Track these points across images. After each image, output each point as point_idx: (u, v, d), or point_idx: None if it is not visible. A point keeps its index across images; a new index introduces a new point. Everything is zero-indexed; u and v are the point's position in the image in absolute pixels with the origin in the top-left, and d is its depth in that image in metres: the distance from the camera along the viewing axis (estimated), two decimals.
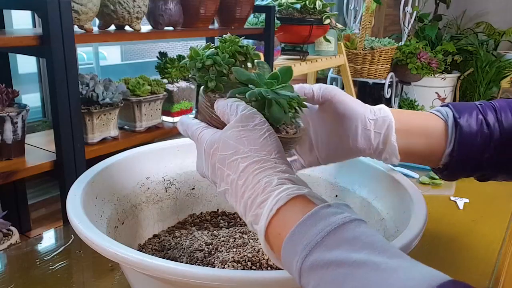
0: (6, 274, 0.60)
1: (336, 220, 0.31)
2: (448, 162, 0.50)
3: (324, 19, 2.08)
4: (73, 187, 0.49)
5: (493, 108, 0.50)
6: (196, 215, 0.66)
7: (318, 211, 0.32)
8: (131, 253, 0.38)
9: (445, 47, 3.43)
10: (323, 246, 0.30)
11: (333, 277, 0.28)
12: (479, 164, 0.50)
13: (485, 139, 0.49)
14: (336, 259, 0.29)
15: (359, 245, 0.29)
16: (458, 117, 0.49)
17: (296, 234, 0.31)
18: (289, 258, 0.32)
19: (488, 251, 0.67)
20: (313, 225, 0.31)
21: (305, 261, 0.30)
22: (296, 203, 0.34)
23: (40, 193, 1.62)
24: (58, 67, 1.05)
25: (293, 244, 0.31)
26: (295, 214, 0.33)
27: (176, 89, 1.49)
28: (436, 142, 0.50)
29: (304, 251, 0.30)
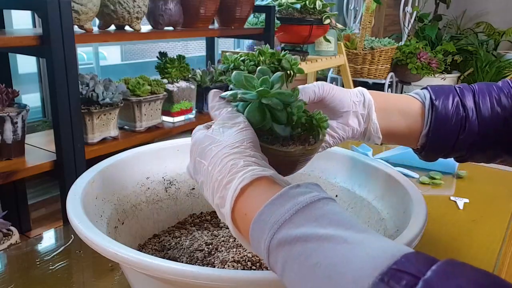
0: (6, 274, 0.60)
1: (304, 199, 0.31)
2: (424, 143, 0.52)
3: (324, 19, 2.08)
4: (73, 187, 0.49)
5: (472, 91, 0.52)
6: (196, 215, 0.66)
7: (287, 191, 0.32)
8: (131, 253, 0.38)
9: (445, 47, 3.43)
10: (291, 224, 0.30)
11: (300, 252, 0.28)
12: (454, 145, 0.52)
13: (460, 121, 0.51)
14: (302, 235, 0.29)
15: (326, 221, 0.29)
16: (434, 99, 0.51)
17: (264, 213, 0.31)
18: (257, 238, 0.32)
19: (488, 251, 0.67)
20: (282, 205, 0.31)
21: (272, 239, 0.30)
22: (261, 184, 0.34)
23: (40, 193, 1.62)
24: (58, 67, 1.05)
25: (261, 224, 0.31)
26: (261, 195, 0.33)
27: (176, 89, 1.49)
28: (414, 123, 0.52)
29: (272, 229, 0.30)
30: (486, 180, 0.98)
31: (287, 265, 0.29)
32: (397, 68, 2.94)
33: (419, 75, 2.93)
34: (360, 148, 1.07)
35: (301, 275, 0.28)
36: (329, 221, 0.29)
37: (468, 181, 0.95)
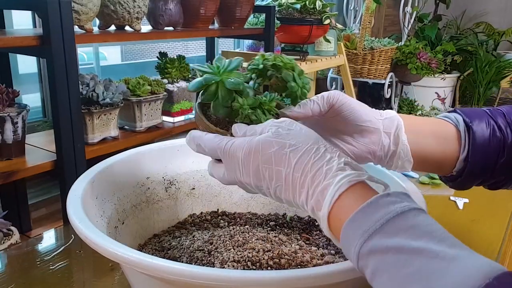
0: (7, 274, 0.61)
1: (395, 208, 0.31)
2: (462, 168, 0.49)
3: (324, 19, 2.08)
4: (73, 187, 0.50)
5: (501, 113, 0.50)
6: (196, 215, 0.66)
7: (378, 199, 0.33)
8: (131, 253, 0.38)
9: (444, 47, 3.43)
10: (383, 233, 0.31)
11: (392, 261, 0.29)
12: (493, 170, 0.48)
13: (498, 143, 0.48)
14: (395, 245, 0.30)
15: (418, 233, 0.30)
16: (469, 122, 0.48)
17: (356, 220, 0.32)
18: (348, 242, 0.33)
19: (488, 251, 0.68)
20: (373, 213, 0.32)
21: (364, 245, 0.31)
22: (356, 189, 0.35)
23: (41, 193, 1.62)
24: (58, 67, 1.05)
25: (352, 229, 0.32)
26: (356, 201, 0.34)
27: (176, 89, 1.49)
28: (450, 147, 0.48)
29: (363, 236, 0.31)
30: None
31: (378, 272, 0.30)
32: (397, 68, 2.94)
33: (419, 75, 2.92)
34: None
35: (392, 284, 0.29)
36: (421, 232, 0.30)
37: None
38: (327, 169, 0.36)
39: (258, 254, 0.49)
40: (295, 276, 0.36)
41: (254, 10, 1.77)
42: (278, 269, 0.46)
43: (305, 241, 0.57)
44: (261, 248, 0.50)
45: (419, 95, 3.45)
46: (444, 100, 3.52)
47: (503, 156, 0.48)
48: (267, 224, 0.64)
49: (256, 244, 0.51)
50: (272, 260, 0.49)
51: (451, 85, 3.58)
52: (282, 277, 0.35)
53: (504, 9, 3.99)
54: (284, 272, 0.36)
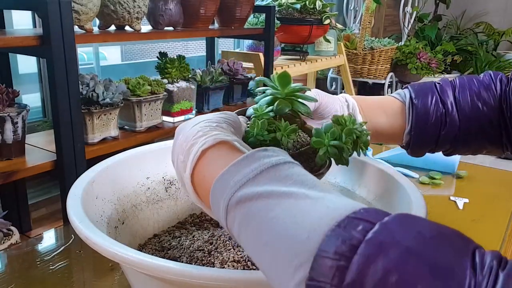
0: (7, 274, 0.61)
1: (270, 161, 0.31)
2: (408, 140, 0.55)
3: (324, 19, 2.08)
4: (73, 187, 0.50)
5: (452, 86, 0.55)
6: (196, 215, 0.66)
7: (254, 153, 0.32)
8: (131, 253, 0.38)
9: (444, 47, 3.43)
10: (254, 182, 0.29)
11: (260, 207, 0.28)
12: (437, 140, 0.54)
13: (440, 117, 0.53)
14: (264, 191, 0.28)
15: (290, 181, 0.29)
16: (414, 98, 0.54)
17: (227, 173, 0.31)
18: (217, 198, 0.31)
19: None
20: (247, 165, 0.31)
21: (233, 197, 0.30)
22: (223, 148, 0.34)
23: (41, 193, 1.62)
24: (58, 67, 1.05)
25: (223, 183, 0.31)
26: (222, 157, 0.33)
27: (176, 89, 1.49)
28: (396, 122, 0.55)
29: (234, 187, 0.30)
30: (486, 180, 0.98)
31: (245, 221, 0.29)
32: (397, 68, 2.95)
33: (419, 75, 2.93)
34: None
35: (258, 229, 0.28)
36: (294, 181, 0.29)
37: (467, 181, 0.95)
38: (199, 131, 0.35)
39: None
40: None
41: (254, 10, 1.77)
42: None
43: None
44: None
45: None
46: None
47: (445, 129, 0.53)
48: None
49: None
50: None
51: None
52: None
53: (504, 9, 3.99)
54: None
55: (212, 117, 0.38)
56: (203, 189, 0.33)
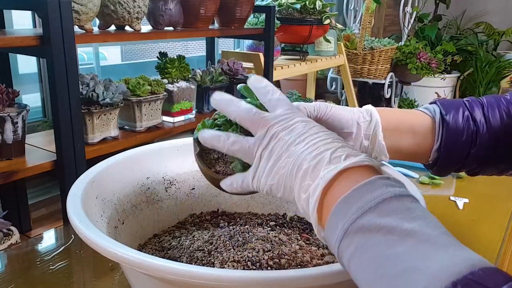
0: (7, 274, 0.61)
1: (393, 190, 0.31)
2: (436, 158, 0.52)
3: (324, 19, 2.08)
4: (73, 187, 0.50)
5: (480, 104, 0.52)
6: (196, 215, 0.66)
7: (376, 180, 0.32)
8: (131, 253, 0.38)
9: (444, 47, 3.43)
10: (377, 212, 0.30)
11: (380, 241, 0.28)
12: (466, 159, 0.52)
13: (471, 135, 0.51)
14: (387, 225, 0.29)
15: (412, 216, 0.29)
16: (444, 114, 0.51)
17: (350, 197, 0.31)
18: (336, 220, 0.31)
19: (488, 251, 0.68)
20: (369, 192, 0.31)
21: (355, 222, 0.30)
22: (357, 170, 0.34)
23: (41, 193, 1.62)
24: (58, 67, 1.05)
25: (345, 206, 0.31)
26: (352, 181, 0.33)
27: (176, 89, 1.49)
28: (423, 139, 0.52)
29: (356, 213, 0.30)
30: (486, 180, 0.98)
31: (361, 250, 0.29)
32: (397, 68, 2.94)
33: (419, 75, 2.93)
34: None
35: (375, 262, 0.28)
36: (416, 215, 0.29)
37: (467, 181, 0.95)
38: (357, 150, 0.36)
39: (258, 254, 0.49)
40: (295, 276, 0.36)
41: (254, 10, 1.77)
42: (278, 269, 0.46)
43: (305, 241, 0.57)
44: (261, 248, 0.50)
45: (419, 95, 3.46)
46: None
47: (475, 147, 0.51)
48: (267, 224, 0.64)
49: (256, 244, 0.51)
50: (272, 260, 0.49)
51: (451, 85, 3.58)
52: (282, 277, 0.36)
53: (504, 9, 3.99)
54: (284, 272, 0.36)
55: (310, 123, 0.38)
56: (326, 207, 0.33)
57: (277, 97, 0.41)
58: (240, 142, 0.40)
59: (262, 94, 0.41)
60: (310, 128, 0.38)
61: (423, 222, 0.29)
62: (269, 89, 0.41)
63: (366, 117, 0.51)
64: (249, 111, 0.40)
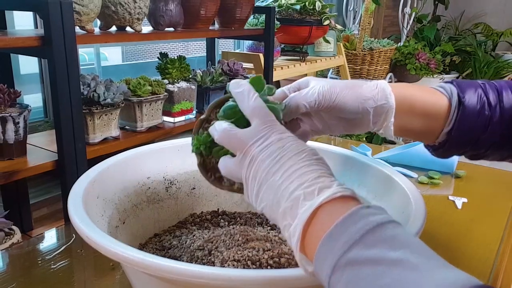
0: (8, 273, 0.61)
1: (375, 219, 0.31)
2: (445, 140, 0.50)
3: (323, 20, 2.09)
4: (74, 187, 0.50)
5: (495, 88, 0.51)
6: (197, 214, 0.66)
7: (358, 210, 0.32)
8: (132, 252, 0.38)
9: (443, 47, 3.43)
10: (362, 244, 0.30)
11: (368, 273, 0.29)
12: (475, 144, 0.50)
13: (485, 121, 0.49)
14: (374, 257, 0.29)
15: (397, 244, 0.30)
16: (462, 96, 0.49)
17: (334, 232, 0.32)
18: (324, 255, 0.32)
19: (486, 251, 0.68)
20: (352, 224, 0.31)
21: (342, 257, 0.30)
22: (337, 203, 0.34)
23: (42, 193, 1.62)
24: (59, 67, 1.06)
25: (331, 241, 0.31)
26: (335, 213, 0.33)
27: (177, 89, 1.49)
28: (436, 121, 0.50)
29: (343, 248, 0.30)
30: (485, 180, 0.98)
31: (352, 284, 0.29)
32: (396, 69, 2.95)
33: (417, 76, 2.93)
34: (360, 148, 1.08)
35: None
36: (400, 243, 0.30)
37: (466, 181, 0.95)
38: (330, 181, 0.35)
39: (258, 253, 0.50)
40: (295, 275, 0.36)
41: (254, 11, 1.77)
42: (278, 268, 0.47)
43: None
44: (261, 248, 0.51)
45: None
46: None
47: (486, 133, 0.49)
48: (267, 223, 0.64)
49: (256, 244, 0.52)
50: (272, 259, 0.49)
51: None
52: (282, 276, 0.36)
53: (503, 10, 3.99)
54: (284, 271, 0.37)
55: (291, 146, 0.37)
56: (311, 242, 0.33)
57: (252, 104, 0.40)
58: (228, 167, 0.40)
59: (239, 100, 0.41)
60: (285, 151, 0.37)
61: (407, 249, 0.29)
62: (244, 94, 0.40)
63: (378, 99, 0.48)
64: (225, 132, 0.40)
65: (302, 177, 0.35)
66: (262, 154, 0.37)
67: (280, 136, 0.38)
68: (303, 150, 0.37)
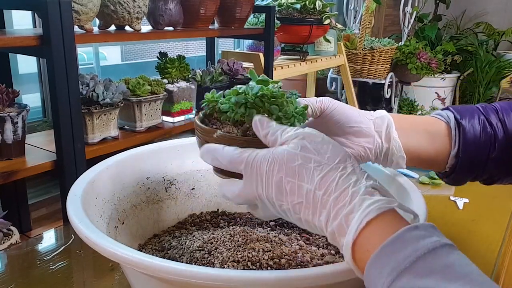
0: (7, 274, 0.61)
1: (425, 244, 0.29)
2: (454, 164, 0.50)
3: (324, 19, 2.08)
4: (73, 187, 0.50)
5: (494, 109, 0.51)
6: (196, 215, 0.66)
7: (405, 233, 0.30)
8: (131, 253, 0.38)
9: (444, 47, 3.43)
10: (413, 273, 0.28)
11: None
12: (485, 165, 0.49)
13: (489, 138, 0.49)
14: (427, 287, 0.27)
15: (452, 274, 0.28)
16: (460, 119, 0.49)
17: (382, 256, 0.30)
18: (373, 278, 0.31)
19: (488, 251, 0.68)
20: (401, 249, 0.30)
21: (392, 285, 0.29)
22: (385, 218, 0.32)
23: (41, 193, 1.62)
24: (58, 67, 1.05)
25: (379, 265, 0.30)
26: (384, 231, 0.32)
27: (176, 89, 1.49)
28: (441, 144, 0.49)
29: (391, 275, 0.29)
30: None
31: None
32: (397, 68, 2.95)
33: (419, 75, 2.93)
34: None
35: None
36: (456, 274, 0.28)
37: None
38: (353, 191, 0.34)
39: (258, 254, 0.49)
40: (295, 276, 0.36)
41: (254, 10, 1.77)
42: (278, 269, 0.46)
43: (305, 241, 0.57)
44: (261, 248, 0.50)
45: (419, 95, 3.46)
46: (444, 100, 3.52)
47: (494, 151, 0.49)
48: (267, 224, 0.64)
49: (256, 244, 0.51)
50: (272, 260, 0.49)
51: (451, 85, 3.58)
52: (282, 277, 0.35)
53: (504, 9, 3.99)
54: (284, 272, 0.36)
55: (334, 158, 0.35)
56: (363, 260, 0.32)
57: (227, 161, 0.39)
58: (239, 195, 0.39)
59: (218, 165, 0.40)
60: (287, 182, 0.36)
61: (464, 280, 0.27)
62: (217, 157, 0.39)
63: (374, 114, 0.49)
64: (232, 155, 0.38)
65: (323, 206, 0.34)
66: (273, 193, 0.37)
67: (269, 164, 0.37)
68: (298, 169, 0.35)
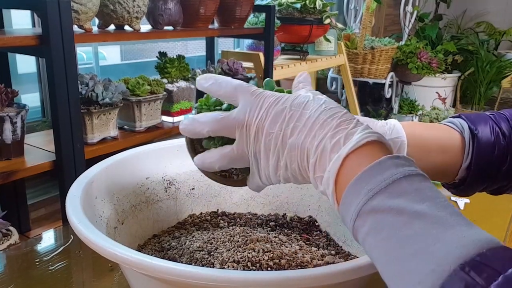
0: (6, 274, 0.60)
1: (403, 170, 0.31)
2: (465, 176, 0.49)
3: (324, 19, 2.08)
4: (72, 187, 0.49)
5: (505, 118, 0.49)
6: (196, 215, 0.66)
7: (386, 160, 0.32)
8: (130, 254, 0.37)
9: (445, 46, 3.43)
10: (387, 193, 0.30)
11: (391, 222, 0.29)
12: (496, 176, 0.49)
13: (502, 151, 0.47)
14: (397, 207, 0.29)
15: (422, 196, 0.30)
16: (474, 129, 0.48)
17: (362, 178, 0.32)
18: (350, 200, 0.32)
19: None
20: (380, 173, 0.31)
21: (366, 204, 0.31)
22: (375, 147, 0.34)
23: (40, 193, 1.62)
24: (57, 67, 1.05)
25: (357, 187, 0.32)
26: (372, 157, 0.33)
27: (176, 89, 1.49)
28: (452, 157, 0.48)
29: (367, 195, 0.31)
30: None
31: (374, 231, 0.30)
32: (397, 68, 2.94)
33: (419, 75, 2.93)
34: None
35: (386, 244, 0.29)
36: (425, 196, 0.30)
37: None
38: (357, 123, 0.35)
39: (258, 255, 0.49)
40: (295, 277, 0.36)
41: (254, 9, 1.77)
42: (278, 270, 0.46)
43: (305, 241, 0.57)
44: (261, 249, 0.50)
45: (420, 95, 3.45)
46: (445, 100, 3.52)
47: (505, 164, 0.48)
48: (267, 224, 0.64)
49: (256, 245, 0.51)
50: (272, 260, 0.49)
51: (452, 84, 3.58)
52: (282, 278, 0.35)
53: (505, 9, 3.99)
54: (284, 273, 0.36)
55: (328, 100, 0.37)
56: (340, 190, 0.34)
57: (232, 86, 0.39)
58: (227, 155, 0.39)
59: (216, 90, 0.40)
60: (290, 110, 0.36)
61: (432, 203, 0.29)
62: (220, 82, 0.39)
63: (387, 134, 0.48)
64: (215, 119, 0.38)
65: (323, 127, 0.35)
66: (267, 122, 0.37)
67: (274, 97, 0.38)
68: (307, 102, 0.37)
